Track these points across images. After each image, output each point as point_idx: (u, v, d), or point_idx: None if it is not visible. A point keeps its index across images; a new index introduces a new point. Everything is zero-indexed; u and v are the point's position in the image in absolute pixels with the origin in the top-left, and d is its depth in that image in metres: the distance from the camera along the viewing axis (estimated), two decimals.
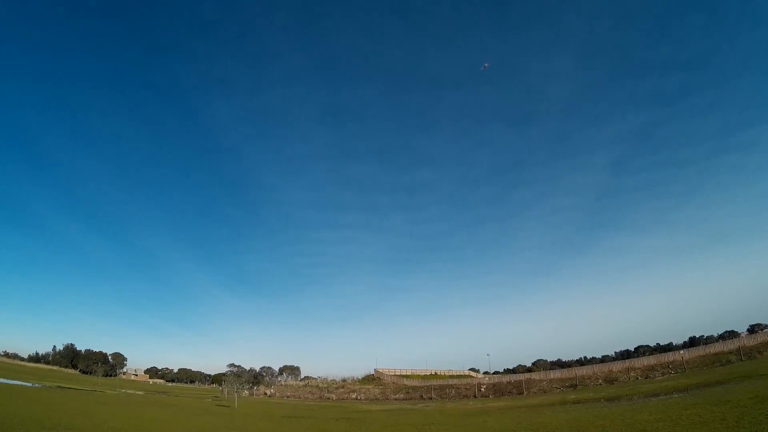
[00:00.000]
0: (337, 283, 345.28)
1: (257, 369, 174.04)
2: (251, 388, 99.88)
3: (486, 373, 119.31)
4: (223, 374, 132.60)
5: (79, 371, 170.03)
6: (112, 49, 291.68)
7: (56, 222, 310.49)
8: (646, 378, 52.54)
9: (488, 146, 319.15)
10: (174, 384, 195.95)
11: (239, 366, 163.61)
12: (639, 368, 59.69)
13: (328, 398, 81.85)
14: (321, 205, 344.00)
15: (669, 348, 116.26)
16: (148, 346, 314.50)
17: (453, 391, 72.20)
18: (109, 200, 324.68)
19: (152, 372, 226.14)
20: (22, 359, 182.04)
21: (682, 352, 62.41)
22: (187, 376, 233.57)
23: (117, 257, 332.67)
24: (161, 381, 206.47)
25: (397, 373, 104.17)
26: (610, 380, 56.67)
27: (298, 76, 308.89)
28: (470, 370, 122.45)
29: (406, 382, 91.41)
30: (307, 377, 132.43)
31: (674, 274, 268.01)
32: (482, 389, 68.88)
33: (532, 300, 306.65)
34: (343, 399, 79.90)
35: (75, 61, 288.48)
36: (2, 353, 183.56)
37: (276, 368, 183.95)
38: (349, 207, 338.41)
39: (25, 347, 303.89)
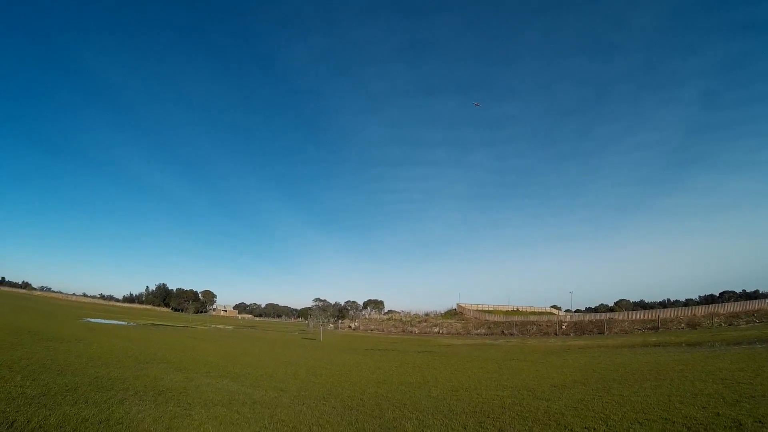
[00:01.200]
0: (421, 219, 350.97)
1: (342, 303, 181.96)
2: (336, 321, 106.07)
3: (567, 311, 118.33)
4: (309, 309, 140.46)
5: (171, 309, 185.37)
6: None
7: (145, 169, 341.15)
8: (729, 325, 50.49)
9: (571, 79, 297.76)
10: (261, 319, 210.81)
11: (325, 300, 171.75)
12: (722, 314, 57.42)
13: (411, 332, 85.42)
14: (403, 142, 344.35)
15: (755, 296, 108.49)
16: (237, 283, 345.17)
17: (534, 328, 73.15)
18: (196, 146, 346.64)
19: (241, 308, 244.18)
20: (118, 300, 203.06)
21: None
22: (274, 311, 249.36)
23: (205, 200, 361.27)
24: (249, 316, 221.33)
25: (479, 309, 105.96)
26: (692, 325, 55.07)
27: (375, 13, 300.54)
28: (552, 307, 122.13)
29: (487, 317, 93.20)
30: (390, 311, 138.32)
31: (765, 218, 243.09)
32: (563, 327, 69.16)
33: (616, 238, 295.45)
34: (425, 333, 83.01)
35: (155, 11, 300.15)
36: (99, 295, 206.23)
37: (360, 302, 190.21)
38: (432, 143, 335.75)
39: (120, 289, 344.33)
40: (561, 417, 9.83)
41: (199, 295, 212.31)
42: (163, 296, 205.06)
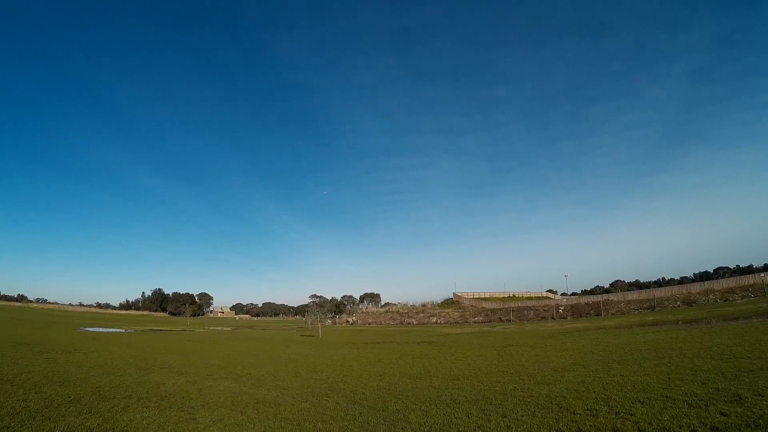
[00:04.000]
0: (415, 209, 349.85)
1: (339, 298, 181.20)
2: (334, 317, 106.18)
3: (564, 294, 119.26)
4: (306, 305, 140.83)
5: (169, 314, 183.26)
6: None
7: (133, 171, 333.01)
8: (725, 301, 51.36)
9: (562, 60, 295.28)
10: (259, 318, 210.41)
11: (321, 296, 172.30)
12: (718, 291, 58.28)
13: (409, 323, 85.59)
14: (394, 131, 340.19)
15: (749, 270, 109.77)
16: (233, 284, 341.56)
17: (531, 313, 73.65)
18: (184, 146, 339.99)
19: (238, 308, 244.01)
20: (114, 308, 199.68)
21: (762, 275, 59.47)
22: (271, 309, 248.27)
23: (196, 201, 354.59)
24: (247, 316, 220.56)
25: (475, 297, 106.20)
26: (688, 302, 55.84)
27: (362, 1, 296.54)
28: (548, 291, 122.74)
29: (484, 305, 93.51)
30: (387, 304, 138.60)
31: (758, 192, 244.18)
32: (560, 311, 69.69)
33: (610, 219, 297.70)
34: (423, 323, 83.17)
35: (137, 7, 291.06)
36: (95, 304, 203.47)
37: (357, 296, 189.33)
38: (423, 131, 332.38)
39: (116, 296, 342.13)
40: (563, 400, 9.95)
41: (196, 298, 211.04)
42: (159, 301, 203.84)
